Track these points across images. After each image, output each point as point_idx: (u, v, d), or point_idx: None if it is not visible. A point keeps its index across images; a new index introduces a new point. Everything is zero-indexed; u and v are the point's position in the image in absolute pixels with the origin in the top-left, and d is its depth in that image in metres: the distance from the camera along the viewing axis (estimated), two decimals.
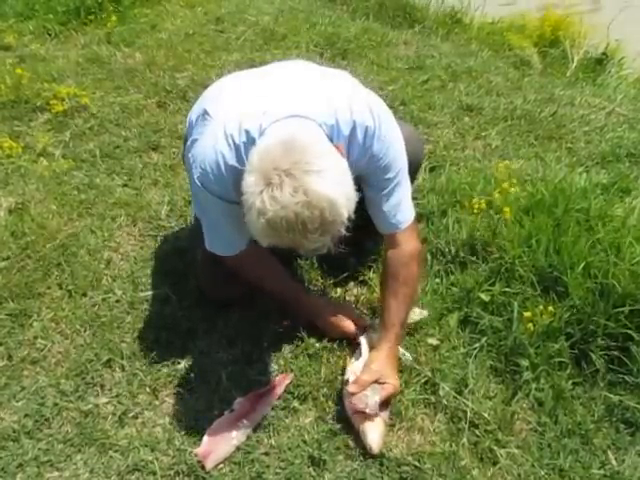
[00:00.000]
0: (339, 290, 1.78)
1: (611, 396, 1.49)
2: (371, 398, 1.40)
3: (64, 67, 3.11)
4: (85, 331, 1.67)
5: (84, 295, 1.78)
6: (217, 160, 1.33)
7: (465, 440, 1.41)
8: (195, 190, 1.49)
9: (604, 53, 4.14)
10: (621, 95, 3.15)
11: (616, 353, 1.53)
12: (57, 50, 3.33)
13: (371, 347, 1.53)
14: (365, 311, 1.72)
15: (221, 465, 1.37)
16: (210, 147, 1.35)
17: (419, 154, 1.78)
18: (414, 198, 2.09)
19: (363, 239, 1.82)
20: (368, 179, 1.45)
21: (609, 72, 3.99)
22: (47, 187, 2.24)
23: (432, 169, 2.33)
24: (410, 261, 1.52)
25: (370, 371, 1.45)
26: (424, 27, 4.00)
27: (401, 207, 1.51)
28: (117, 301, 1.76)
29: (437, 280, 1.79)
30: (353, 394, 1.42)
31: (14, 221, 2.05)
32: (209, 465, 1.36)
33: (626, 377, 1.51)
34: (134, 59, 3.21)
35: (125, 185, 2.29)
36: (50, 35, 3.52)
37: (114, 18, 3.58)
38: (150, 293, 1.78)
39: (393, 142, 1.43)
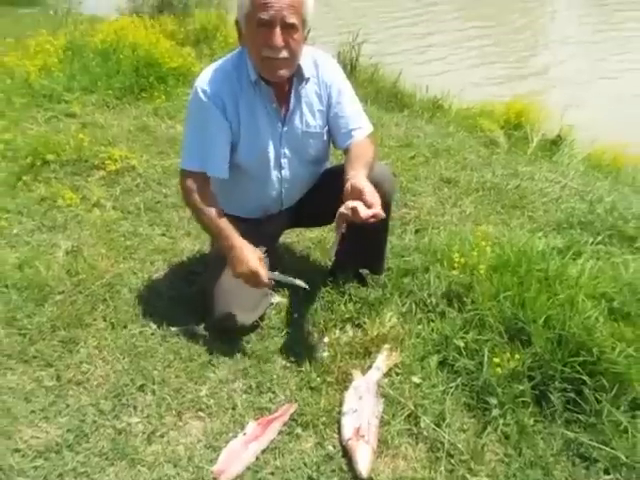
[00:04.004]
0: (337, 331, 1.76)
1: (568, 433, 1.45)
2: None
3: (118, 134, 3.17)
4: (124, 358, 1.65)
5: (125, 327, 1.76)
6: (214, 67, 1.59)
7: (442, 468, 1.37)
8: (195, 107, 1.60)
9: (558, 135, 4.23)
10: (573, 171, 3.21)
11: (572, 395, 1.49)
12: (113, 119, 3.40)
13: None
14: (360, 350, 1.69)
15: None
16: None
17: (391, 184, 1.76)
18: (401, 255, 2.12)
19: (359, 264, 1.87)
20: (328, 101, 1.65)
21: (563, 151, 4.07)
22: (98, 233, 2.25)
23: (417, 231, 2.34)
24: (368, 150, 1.60)
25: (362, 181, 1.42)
26: (412, 111, 4.11)
27: (362, 116, 1.68)
28: (152, 334, 1.74)
29: (420, 327, 1.77)
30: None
31: (69, 261, 2.05)
32: None
33: (580, 416, 1.47)
34: (175, 129, 3.28)
35: (163, 234, 2.30)
36: (108, 107, 3.61)
37: (162, 96, 3.68)
38: (180, 328, 1.76)
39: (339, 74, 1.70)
